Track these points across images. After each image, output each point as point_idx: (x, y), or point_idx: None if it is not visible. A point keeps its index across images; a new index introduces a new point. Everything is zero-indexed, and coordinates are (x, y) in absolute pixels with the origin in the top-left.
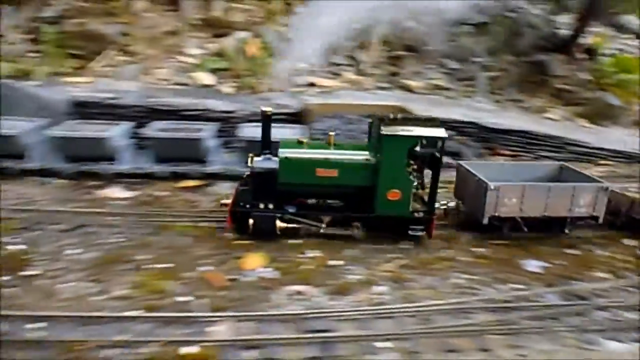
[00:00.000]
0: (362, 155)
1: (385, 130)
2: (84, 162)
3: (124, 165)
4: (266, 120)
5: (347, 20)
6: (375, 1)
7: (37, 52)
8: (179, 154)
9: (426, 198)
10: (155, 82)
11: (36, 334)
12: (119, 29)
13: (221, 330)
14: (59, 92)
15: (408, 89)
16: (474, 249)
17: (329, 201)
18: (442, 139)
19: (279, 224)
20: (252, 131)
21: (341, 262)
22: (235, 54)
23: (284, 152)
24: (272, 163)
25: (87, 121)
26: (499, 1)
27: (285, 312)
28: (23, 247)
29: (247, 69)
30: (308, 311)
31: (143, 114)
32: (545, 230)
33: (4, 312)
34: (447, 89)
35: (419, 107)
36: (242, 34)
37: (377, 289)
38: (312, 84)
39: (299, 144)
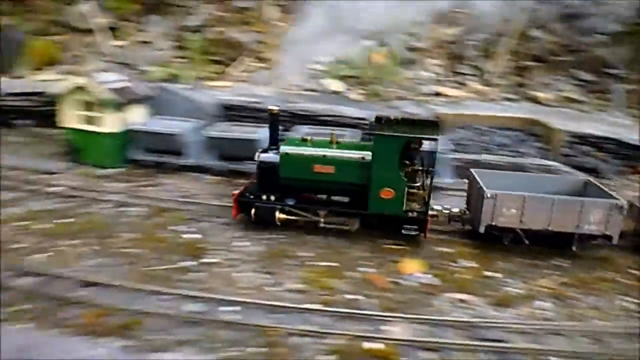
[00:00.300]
0: (358, 154)
1: (378, 130)
2: (233, 161)
3: None
4: (274, 118)
5: (471, 30)
6: (500, 8)
7: (183, 57)
8: None
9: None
10: (288, 87)
11: (231, 316)
12: (254, 36)
13: (397, 330)
14: (206, 95)
15: (536, 101)
16: (633, 272)
17: (332, 197)
18: (434, 139)
19: (278, 215)
20: None
21: (497, 274)
22: (361, 62)
23: (285, 149)
24: (275, 158)
25: (235, 123)
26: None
27: (454, 318)
28: (197, 236)
29: (373, 76)
30: (475, 319)
31: (283, 118)
32: (550, 246)
33: (198, 294)
34: (578, 101)
35: (552, 120)
36: (368, 42)
37: (539, 304)
38: (437, 93)
39: (303, 141)
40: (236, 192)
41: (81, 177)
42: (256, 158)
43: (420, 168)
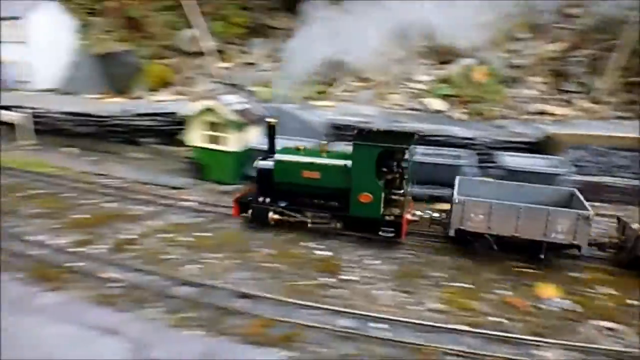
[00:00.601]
0: (341, 162)
1: (358, 140)
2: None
3: None
4: (271, 129)
5: (574, 45)
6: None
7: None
8: (436, 178)
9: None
10: (390, 106)
11: (382, 333)
12: (354, 57)
13: (549, 356)
14: (314, 115)
15: None
16: None
17: (321, 200)
18: (405, 149)
19: (271, 215)
20: (514, 161)
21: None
22: (462, 80)
23: (278, 156)
24: (271, 165)
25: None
26: None
27: (606, 346)
28: (329, 253)
29: (475, 95)
30: (629, 349)
31: None
32: (521, 253)
33: (344, 310)
34: None
35: None
36: (467, 61)
37: None
38: (543, 112)
39: (297, 150)
40: (238, 194)
41: (206, 192)
42: (255, 165)
43: (398, 176)
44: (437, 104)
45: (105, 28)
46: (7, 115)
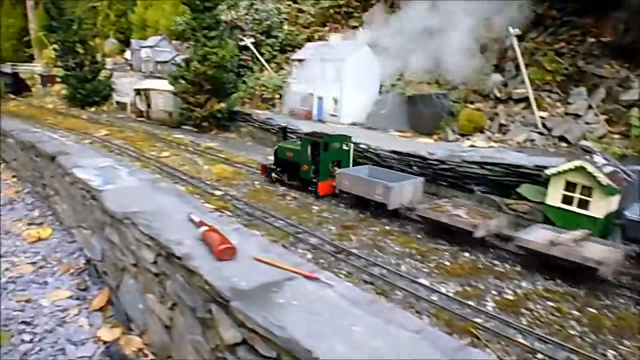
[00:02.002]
0: (298, 147)
1: (305, 136)
2: None
3: None
4: (284, 130)
5: None
6: None
7: (619, 133)
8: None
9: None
10: None
11: None
12: None
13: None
14: None
15: None
16: None
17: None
18: (325, 142)
19: (273, 175)
20: None
21: None
22: None
23: (280, 144)
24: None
25: None
26: None
27: None
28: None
29: None
30: None
31: None
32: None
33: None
34: None
35: None
36: None
37: None
38: None
39: (293, 141)
40: (265, 164)
41: None
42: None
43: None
44: None
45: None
46: None
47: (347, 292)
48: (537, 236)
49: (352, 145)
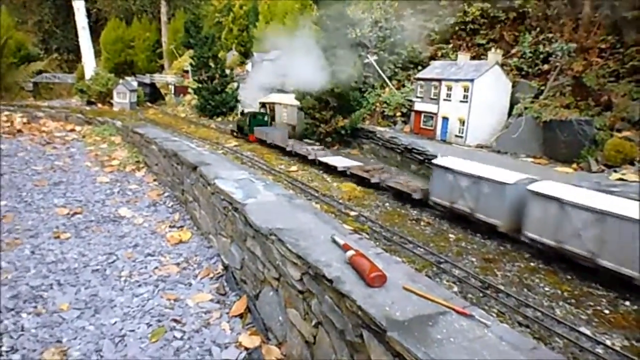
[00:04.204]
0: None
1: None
2: None
3: None
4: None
5: None
6: None
7: None
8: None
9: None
10: None
11: None
12: None
13: None
14: None
15: None
16: None
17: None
18: (253, 114)
19: (234, 133)
20: None
21: None
22: None
23: (238, 118)
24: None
25: None
26: None
27: None
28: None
29: None
30: None
31: None
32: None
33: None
34: None
35: None
36: None
37: None
38: None
39: (243, 117)
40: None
41: None
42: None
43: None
44: None
45: (549, 93)
46: None
47: (507, 335)
48: None
49: (268, 115)
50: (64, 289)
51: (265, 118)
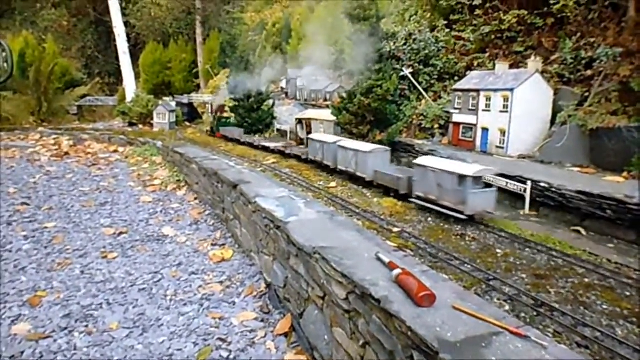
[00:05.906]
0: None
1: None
2: None
3: None
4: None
5: None
6: None
7: None
8: None
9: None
10: None
11: None
12: None
13: None
14: None
15: None
16: None
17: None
18: (220, 117)
19: (208, 132)
20: None
21: None
22: None
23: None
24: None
25: None
26: None
27: None
28: None
29: None
30: None
31: None
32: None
33: None
34: None
35: None
36: None
37: None
38: None
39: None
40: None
41: None
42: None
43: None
44: None
45: (594, 100)
46: (514, 185)
47: (565, 356)
48: None
49: (232, 117)
50: (113, 308)
51: (229, 120)
